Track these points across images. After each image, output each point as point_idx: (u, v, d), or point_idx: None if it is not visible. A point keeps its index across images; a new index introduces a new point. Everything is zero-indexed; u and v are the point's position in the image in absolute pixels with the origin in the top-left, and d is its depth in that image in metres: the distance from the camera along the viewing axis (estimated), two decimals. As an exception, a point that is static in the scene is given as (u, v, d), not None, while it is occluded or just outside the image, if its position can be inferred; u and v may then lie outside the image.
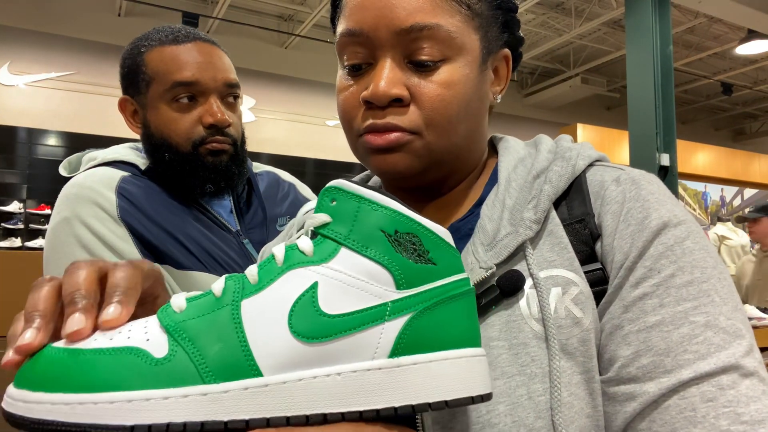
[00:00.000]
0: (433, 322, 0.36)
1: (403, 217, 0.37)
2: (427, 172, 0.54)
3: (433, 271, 0.37)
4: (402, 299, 0.36)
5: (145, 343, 0.33)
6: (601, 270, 0.49)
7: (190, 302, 0.35)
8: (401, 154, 0.52)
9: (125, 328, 0.34)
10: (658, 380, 0.43)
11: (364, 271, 0.35)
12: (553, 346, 0.45)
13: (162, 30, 1.02)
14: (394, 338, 0.35)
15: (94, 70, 6.72)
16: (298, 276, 0.35)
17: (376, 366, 0.34)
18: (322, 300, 0.34)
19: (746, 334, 0.44)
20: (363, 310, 0.35)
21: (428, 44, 0.50)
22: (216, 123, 0.97)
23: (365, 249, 0.36)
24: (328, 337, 0.34)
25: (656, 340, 0.44)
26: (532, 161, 0.56)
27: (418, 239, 0.37)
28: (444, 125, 0.52)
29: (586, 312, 0.47)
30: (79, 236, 0.88)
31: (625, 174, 0.52)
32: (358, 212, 0.36)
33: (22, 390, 0.31)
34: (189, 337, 0.33)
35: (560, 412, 0.43)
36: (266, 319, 0.34)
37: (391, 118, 0.51)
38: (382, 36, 0.51)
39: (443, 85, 0.51)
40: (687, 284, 0.45)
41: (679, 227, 0.47)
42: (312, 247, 0.36)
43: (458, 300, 0.38)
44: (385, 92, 0.50)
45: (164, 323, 0.34)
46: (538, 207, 0.51)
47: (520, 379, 0.44)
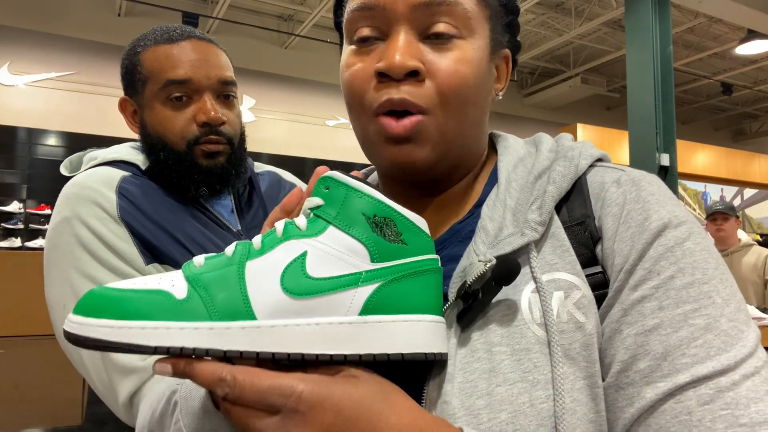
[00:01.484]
0: (399, 291, 0.43)
1: (381, 204, 0.44)
2: (439, 163, 0.53)
3: (403, 250, 0.44)
4: (374, 270, 0.43)
5: (171, 287, 0.41)
6: (602, 273, 0.48)
7: (207, 260, 0.44)
8: (416, 144, 0.51)
9: (157, 277, 0.42)
10: (655, 385, 0.42)
11: (345, 246, 0.43)
12: (556, 353, 0.44)
13: (158, 30, 1.02)
14: (364, 300, 0.42)
15: (94, 70, 6.72)
16: (293, 245, 0.43)
17: (347, 321, 0.42)
18: (309, 265, 0.42)
19: (750, 334, 0.43)
20: (341, 276, 0.42)
21: (445, 19, 0.50)
22: (209, 121, 0.96)
23: (348, 228, 0.43)
24: (311, 295, 0.41)
25: (654, 344, 0.43)
26: (533, 161, 0.55)
27: (393, 223, 0.44)
28: (457, 103, 0.51)
29: (589, 316, 0.46)
30: (79, 236, 0.88)
31: (626, 175, 0.51)
32: (345, 198, 0.44)
33: (78, 316, 0.39)
34: (203, 285, 0.41)
35: (564, 420, 0.42)
36: (263, 277, 0.42)
37: (407, 94, 0.50)
38: (400, 9, 0.50)
39: (459, 61, 0.50)
40: (687, 286, 0.44)
41: (680, 228, 0.46)
42: (306, 223, 0.44)
43: (424, 274, 0.45)
44: (402, 63, 0.49)
45: (186, 274, 0.42)
46: (542, 208, 0.50)
47: (523, 386, 0.43)
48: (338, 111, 8.14)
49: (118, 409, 0.84)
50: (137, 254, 0.89)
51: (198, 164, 0.97)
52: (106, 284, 0.42)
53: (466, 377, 0.45)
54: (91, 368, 0.85)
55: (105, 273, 0.87)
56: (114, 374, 0.82)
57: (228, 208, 1.07)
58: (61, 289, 0.88)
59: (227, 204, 1.07)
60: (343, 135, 8.12)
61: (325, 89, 8.02)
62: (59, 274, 0.88)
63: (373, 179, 0.68)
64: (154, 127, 0.99)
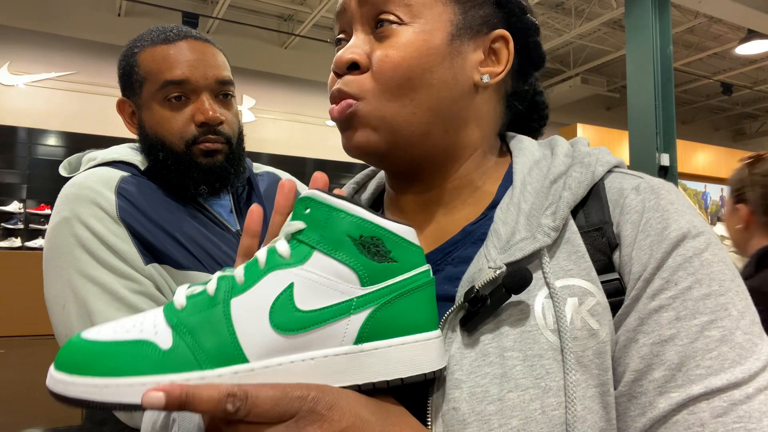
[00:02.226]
0: (393, 313, 0.42)
1: (367, 223, 0.42)
2: (397, 149, 0.54)
3: (394, 268, 0.42)
4: (365, 295, 0.41)
5: (154, 336, 0.39)
6: (618, 280, 0.47)
7: (189, 300, 0.42)
8: (355, 129, 0.53)
9: (138, 322, 0.41)
10: (668, 395, 0.42)
11: (333, 272, 0.41)
12: (569, 359, 0.43)
13: (154, 30, 1.02)
14: (358, 328, 0.41)
15: (94, 70, 6.72)
16: (278, 277, 0.41)
17: (342, 351, 0.41)
18: (297, 298, 0.40)
19: (764, 348, 0.43)
20: (332, 305, 0.41)
21: (387, 7, 0.53)
22: (207, 121, 0.97)
23: (334, 252, 0.41)
24: (302, 330, 0.40)
25: (670, 354, 0.42)
26: (549, 165, 0.55)
27: (380, 241, 0.42)
28: (391, 88, 0.51)
29: (603, 324, 0.45)
30: (78, 236, 0.88)
31: (645, 182, 0.51)
32: (328, 220, 0.42)
33: (61, 373, 0.38)
34: (189, 331, 0.40)
35: (575, 428, 0.41)
36: (251, 316, 0.40)
37: (342, 84, 0.53)
38: (352, 7, 0.55)
39: (392, 47, 0.52)
40: (704, 297, 0.44)
41: (698, 238, 0.46)
42: (289, 250, 0.42)
43: (417, 291, 0.43)
44: (340, 58, 0.53)
45: (168, 319, 0.41)
46: (557, 214, 0.49)
47: (535, 392, 0.43)
48: (338, 111, 8.13)
49: (117, 409, 0.84)
50: (137, 254, 0.89)
51: (197, 163, 0.97)
52: (84, 333, 0.40)
53: (476, 382, 0.44)
54: (90, 368, 0.85)
55: (104, 273, 0.87)
56: (113, 374, 0.83)
57: (227, 208, 1.07)
58: (60, 290, 0.88)
59: (226, 204, 1.07)
60: (343, 135, 8.10)
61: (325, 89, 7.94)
62: (59, 275, 0.88)
63: (381, 177, 0.68)
64: (152, 128, 0.99)
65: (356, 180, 0.69)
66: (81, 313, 0.85)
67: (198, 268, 0.94)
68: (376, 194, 0.67)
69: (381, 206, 0.65)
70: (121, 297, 0.86)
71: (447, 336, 0.47)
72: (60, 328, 0.88)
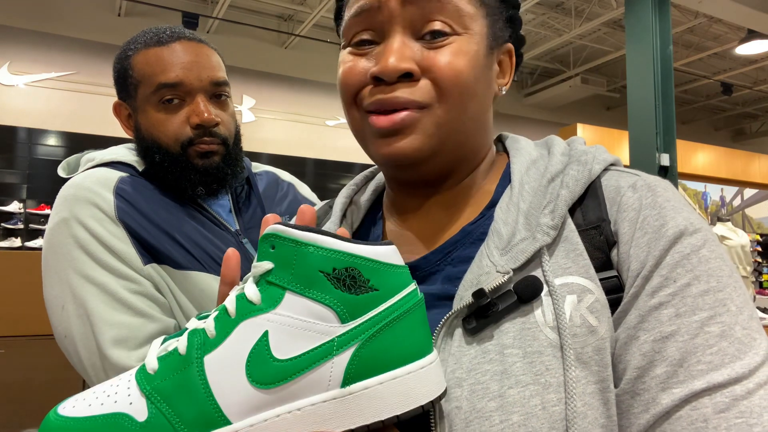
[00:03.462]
0: (380, 346, 0.39)
1: (339, 254, 0.38)
2: (436, 157, 0.53)
3: (375, 297, 0.39)
4: (346, 333, 0.38)
5: (129, 407, 0.37)
6: (617, 278, 0.48)
7: (160, 362, 0.39)
8: (407, 136, 0.51)
9: (112, 390, 0.39)
10: (671, 391, 0.42)
11: (309, 312, 0.38)
12: (569, 356, 0.44)
13: (148, 32, 1.02)
14: (343, 370, 0.38)
15: (94, 70, 6.72)
16: (250, 326, 0.38)
17: (330, 396, 0.38)
18: (273, 347, 0.37)
19: (762, 343, 0.43)
20: (312, 350, 0.38)
21: (438, 17, 0.51)
22: (202, 123, 0.96)
23: (308, 291, 0.38)
24: (283, 381, 0.37)
25: (671, 351, 0.43)
26: (546, 164, 0.56)
27: (357, 271, 0.39)
28: (456, 95, 0.51)
29: (602, 320, 0.46)
30: (77, 237, 0.88)
31: (641, 180, 0.52)
32: (296, 256, 0.38)
33: None
34: (163, 398, 0.37)
35: (575, 423, 0.42)
36: (227, 373, 0.37)
37: (400, 93, 0.51)
38: (393, 6, 0.51)
39: (454, 54, 0.51)
40: (703, 294, 0.44)
41: (695, 235, 0.47)
42: (259, 294, 0.39)
43: (404, 317, 0.40)
44: (395, 67, 0.50)
45: (142, 387, 0.38)
46: (555, 212, 0.50)
47: (535, 388, 0.43)
48: (338, 111, 8.14)
49: (116, 409, 0.84)
50: (135, 255, 0.89)
51: (193, 165, 0.97)
52: (61, 408, 0.39)
53: (477, 379, 0.45)
54: (90, 369, 0.85)
55: (103, 273, 0.87)
56: (113, 375, 0.82)
57: (226, 208, 1.07)
58: (59, 290, 0.88)
59: (225, 204, 1.07)
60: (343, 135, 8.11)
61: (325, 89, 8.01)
62: (58, 275, 0.88)
63: (380, 179, 0.68)
64: (148, 130, 0.99)
65: (355, 182, 0.69)
66: (80, 314, 0.85)
67: (197, 268, 0.94)
68: (374, 196, 0.67)
69: (380, 208, 0.66)
70: (120, 297, 0.86)
71: (447, 335, 0.48)
72: (59, 329, 0.88)
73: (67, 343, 0.87)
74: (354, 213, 0.65)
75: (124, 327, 0.84)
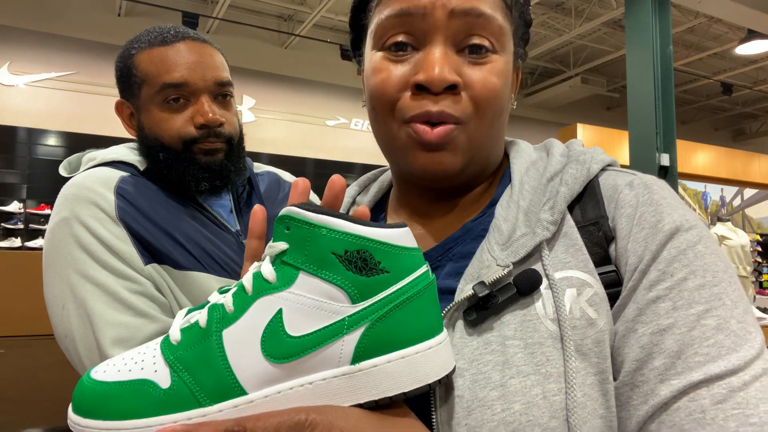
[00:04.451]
0: (390, 326, 0.40)
1: (351, 236, 0.40)
2: (463, 172, 0.55)
3: (386, 279, 0.40)
4: (357, 312, 0.40)
5: (154, 374, 0.40)
6: (615, 272, 0.49)
7: (183, 333, 0.42)
8: (448, 152, 0.52)
9: (139, 357, 0.42)
10: (669, 382, 0.43)
11: (321, 292, 0.40)
12: (569, 347, 0.45)
13: (151, 31, 1.01)
14: (353, 348, 0.40)
15: (94, 70, 6.73)
16: (266, 303, 0.40)
17: (340, 373, 0.40)
18: (287, 324, 0.39)
19: (757, 336, 0.44)
20: (323, 328, 0.40)
21: (482, 32, 0.52)
22: (207, 123, 0.96)
23: (320, 271, 0.40)
24: (296, 356, 0.39)
25: (669, 343, 0.44)
26: (545, 164, 0.57)
27: (368, 254, 0.40)
28: (490, 115, 0.53)
29: (601, 313, 0.47)
30: (77, 236, 0.88)
31: (638, 179, 0.53)
32: (310, 238, 0.40)
33: (76, 416, 0.40)
34: (186, 368, 0.40)
35: (575, 413, 0.43)
36: (244, 346, 0.40)
37: (445, 106, 0.51)
38: (439, 17, 0.51)
39: (495, 74, 0.52)
40: (699, 288, 0.45)
41: (691, 231, 0.48)
42: (274, 273, 0.41)
43: (416, 298, 0.41)
44: (443, 77, 0.50)
45: (166, 356, 0.41)
46: (554, 208, 0.51)
47: (536, 378, 0.44)
48: (338, 111, 8.14)
49: (117, 409, 0.84)
50: (136, 255, 0.89)
51: (196, 161, 0.97)
52: (93, 371, 0.41)
53: (479, 369, 0.46)
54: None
55: (104, 273, 0.87)
56: (113, 375, 0.83)
57: (227, 209, 1.07)
58: (60, 290, 0.88)
59: (226, 204, 1.07)
60: (343, 135, 8.11)
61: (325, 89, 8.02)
62: (58, 275, 0.88)
63: (383, 180, 0.69)
64: (151, 130, 0.99)
65: (359, 182, 0.71)
66: (80, 314, 0.85)
67: (198, 269, 0.94)
68: (378, 196, 0.68)
69: (383, 209, 0.67)
70: (121, 297, 0.86)
71: (448, 326, 0.49)
72: (60, 329, 0.88)
73: (67, 343, 0.87)
74: None
75: (125, 327, 0.84)
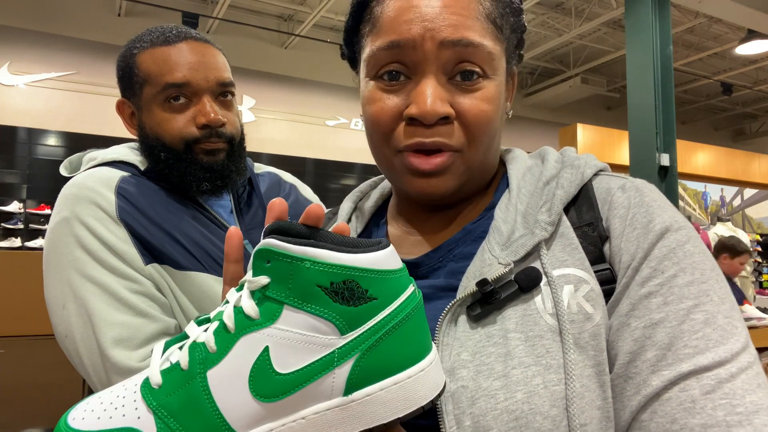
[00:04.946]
0: (380, 354, 0.39)
1: (336, 267, 0.38)
2: (460, 189, 0.58)
3: (375, 305, 0.39)
4: (347, 344, 0.39)
5: (137, 421, 0.38)
6: (609, 270, 0.52)
7: (164, 376, 0.40)
8: (444, 177, 0.55)
9: (119, 402, 0.39)
10: (660, 373, 0.45)
11: (308, 326, 0.38)
12: (567, 340, 0.47)
13: (153, 31, 1.01)
14: (345, 379, 0.39)
15: (94, 70, 6.72)
16: (251, 341, 0.38)
17: (334, 405, 0.39)
18: (275, 361, 0.38)
19: (742, 331, 0.47)
20: (313, 363, 0.38)
21: (472, 59, 0.53)
22: (209, 123, 0.97)
23: (306, 305, 0.38)
24: (287, 393, 0.38)
25: (660, 336, 0.47)
26: (540, 170, 0.60)
27: (355, 283, 0.38)
28: (484, 141, 0.55)
29: (597, 308, 0.50)
30: (78, 236, 0.88)
31: (629, 182, 0.56)
32: (292, 272, 0.38)
33: None
34: (170, 413, 0.38)
35: (574, 402, 0.45)
36: (231, 387, 0.38)
37: (439, 135, 0.53)
38: (428, 48, 0.52)
39: (486, 101, 0.54)
40: (688, 284, 0.48)
41: (680, 232, 0.51)
42: (257, 309, 0.39)
43: (405, 322, 0.40)
44: (434, 111, 0.52)
45: (148, 403, 0.39)
46: (551, 210, 0.54)
47: (536, 369, 0.47)
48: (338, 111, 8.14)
49: (117, 409, 0.84)
50: (136, 254, 0.89)
51: (198, 161, 0.98)
52: (70, 418, 0.39)
53: (482, 360, 0.48)
54: (90, 369, 0.85)
55: (104, 273, 0.87)
56: (113, 375, 0.82)
57: (227, 209, 1.07)
58: (60, 290, 0.88)
59: (226, 204, 1.07)
60: (343, 135, 8.11)
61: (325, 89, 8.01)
62: (58, 275, 0.88)
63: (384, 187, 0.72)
64: (153, 129, 0.99)
65: (361, 189, 0.74)
66: (81, 314, 0.85)
67: (198, 269, 0.94)
68: (380, 202, 0.71)
69: (383, 214, 0.70)
70: (121, 297, 0.86)
71: (450, 321, 0.51)
72: (60, 329, 0.88)
73: (67, 343, 0.87)
74: (359, 218, 0.69)
75: (125, 327, 0.84)
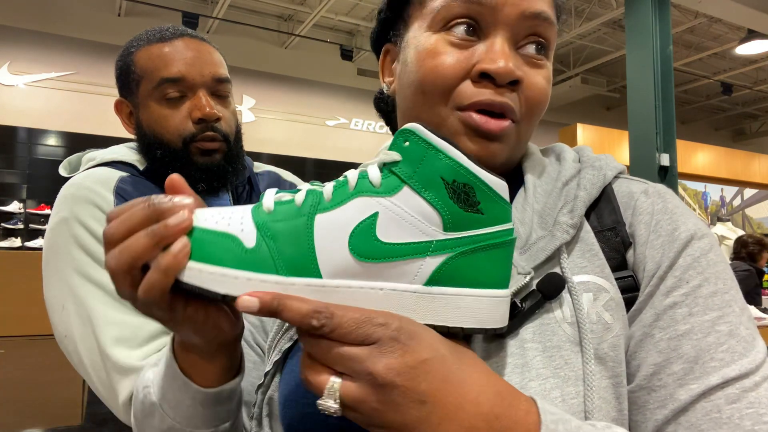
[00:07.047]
0: (468, 264, 0.42)
1: (462, 168, 0.41)
2: (505, 164, 0.56)
3: (479, 219, 0.42)
4: (445, 240, 0.41)
5: (240, 232, 0.42)
6: (632, 277, 0.50)
7: (277, 206, 0.43)
8: (502, 144, 0.52)
9: (227, 215, 0.43)
10: (688, 387, 0.45)
11: (418, 210, 0.41)
12: (588, 351, 0.46)
13: (151, 30, 1.02)
14: (431, 271, 0.41)
15: (94, 70, 6.73)
16: (364, 203, 0.41)
17: (411, 289, 0.41)
18: (379, 228, 0.41)
19: (760, 341, 0.47)
20: (411, 243, 0.41)
21: (544, 34, 0.53)
22: (204, 117, 0.97)
23: (424, 191, 0.41)
24: (377, 259, 0.41)
25: (686, 348, 0.46)
26: (558, 169, 0.58)
27: (472, 190, 0.41)
28: (536, 118, 0.55)
29: (616, 318, 0.48)
30: (77, 236, 0.88)
31: (651, 187, 0.55)
32: (424, 157, 0.41)
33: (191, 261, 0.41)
34: (272, 235, 0.41)
35: (593, 415, 0.44)
36: (332, 235, 0.41)
37: (509, 99, 0.51)
38: (508, 13, 0.51)
39: (546, 80, 0.54)
40: (712, 294, 0.47)
41: (703, 240, 0.50)
42: (380, 179, 0.42)
43: (497, 248, 0.43)
44: (510, 71, 0.50)
45: (255, 220, 0.42)
46: (574, 212, 0.52)
47: (554, 381, 0.45)
48: (338, 111, 8.14)
49: (118, 409, 0.84)
50: (136, 254, 0.89)
51: (194, 162, 0.98)
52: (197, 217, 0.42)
53: (499, 371, 0.46)
54: (90, 368, 0.85)
55: (103, 273, 0.87)
56: (114, 374, 0.82)
57: (227, 209, 1.07)
58: (59, 290, 0.88)
59: (225, 204, 1.07)
60: (343, 135, 8.11)
61: (325, 89, 8.02)
62: (58, 275, 0.88)
63: None
64: (150, 126, 0.99)
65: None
66: (80, 313, 0.85)
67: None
68: None
69: None
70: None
71: None
72: (59, 328, 0.88)
73: (67, 343, 0.87)
74: None
75: (126, 326, 0.84)
